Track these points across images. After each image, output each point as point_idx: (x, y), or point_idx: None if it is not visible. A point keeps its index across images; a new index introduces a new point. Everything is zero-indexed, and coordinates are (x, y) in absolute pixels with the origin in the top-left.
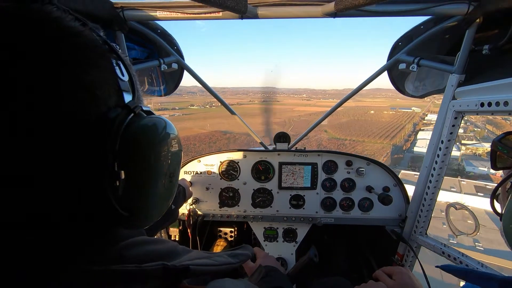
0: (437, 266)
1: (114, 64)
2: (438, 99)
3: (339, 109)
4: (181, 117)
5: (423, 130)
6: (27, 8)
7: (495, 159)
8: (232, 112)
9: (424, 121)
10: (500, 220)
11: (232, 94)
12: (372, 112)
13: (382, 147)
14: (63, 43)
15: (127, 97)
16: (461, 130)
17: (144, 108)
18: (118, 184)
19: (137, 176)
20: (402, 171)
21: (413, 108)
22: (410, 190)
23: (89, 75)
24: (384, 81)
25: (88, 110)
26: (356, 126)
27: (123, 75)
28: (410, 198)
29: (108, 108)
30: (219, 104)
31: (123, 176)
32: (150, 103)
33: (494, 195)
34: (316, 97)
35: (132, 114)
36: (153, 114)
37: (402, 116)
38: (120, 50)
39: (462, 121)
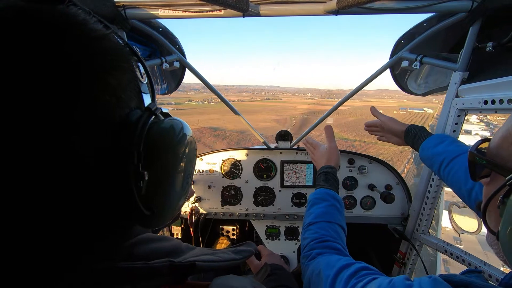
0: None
1: (135, 66)
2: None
3: (344, 108)
4: (174, 112)
5: None
6: (54, 10)
7: (474, 171)
8: (234, 111)
9: None
10: (497, 239)
11: (235, 92)
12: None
13: (400, 151)
14: (90, 47)
15: (146, 99)
16: (487, 133)
17: (163, 110)
18: (142, 184)
19: (159, 176)
20: (446, 189)
21: (425, 108)
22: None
23: (114, 79)
24: (390, 82)
25: (114, 113)
26: (363, 125)
27: (142, 77)
28: (413, 196)
29: (130, 109)
30: (219, 100)
31: (146, 177)
32: None
33: (485, 212)
34: (321, 96)
35: (154, 116)
36: (170, 116)
37: (414, 117)
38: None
39: (483, 123)
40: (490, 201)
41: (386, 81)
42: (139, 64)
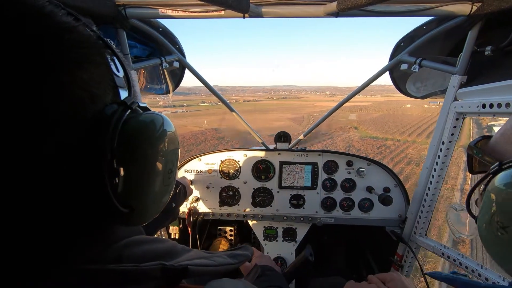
0: (425, 273)
1: (109, 60)
2: None
3: (368, 104)
4: (184, 113)
5: (495, 125)
6: (19, 2)
7: (471, 164)
8: (231, 109)
9: None
10: (476, 223)
11: (252, 92)
12: (409, 106)
13: None
14: (58, 40)
15: (123, 94)
16: None
17: (141, 104)
18: (117, 181)
19: (136, 173)
20: None
21: None
22: None
23: (86, 73)
24: None
25: (86, 108)
26: (395, 122)
27: (118, 71)
28: (410, 199)
29: (105, 105)
30: (234, 101)
31: (122, 173)
32: (159, 100)
33: (469, 199)
34: (341, 93)
35: (129, 111)
36: (149, 110)
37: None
38: (114, 46)
39: None
40: (474, 189)
41: None
42: (115, 58)
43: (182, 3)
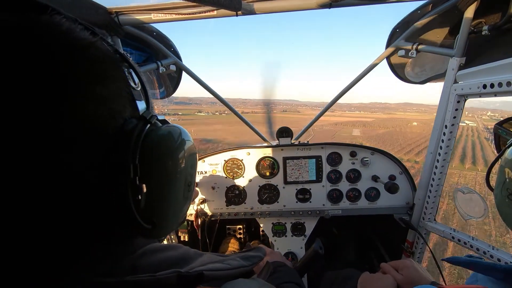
0: (442, 259)
1: (126, 73)
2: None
3: (369, 120)
4: (176, 122)
5: None
6: (36, 21)
7: (498, 143)
8: (232, 110)
9: None
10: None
11: (252, 105)
12: (415, 123)
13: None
14: (76, 57)
15: (141, 106)
16: None
17: (159, 117)
18: (140, 197)
19: (158, 188)
20: None
21: (466, 121)
22: None
23: (104, 89)
24: (412, 95)
25: (106, 125)
26: (405, 139)
27: (135, 84)
28: (417, 185)
29: (124, 120)
30: (230, 112)
31: (145, 189)
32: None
33: (489, 173)
34: (341, 109)
35: (149, 125)
36: (167, 122)
37: (458, 131)
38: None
39: None
40: (494, 163)
41: (408, 94)
42: (132, 71)
43: (174, 6)
